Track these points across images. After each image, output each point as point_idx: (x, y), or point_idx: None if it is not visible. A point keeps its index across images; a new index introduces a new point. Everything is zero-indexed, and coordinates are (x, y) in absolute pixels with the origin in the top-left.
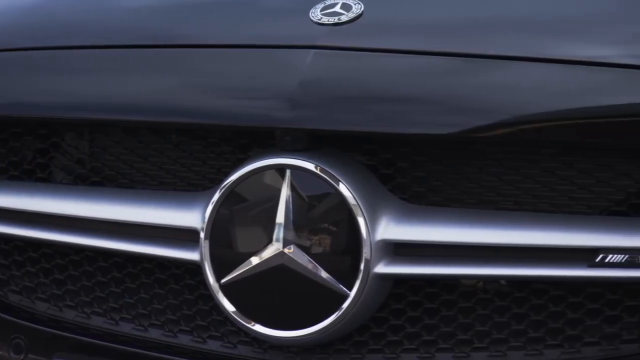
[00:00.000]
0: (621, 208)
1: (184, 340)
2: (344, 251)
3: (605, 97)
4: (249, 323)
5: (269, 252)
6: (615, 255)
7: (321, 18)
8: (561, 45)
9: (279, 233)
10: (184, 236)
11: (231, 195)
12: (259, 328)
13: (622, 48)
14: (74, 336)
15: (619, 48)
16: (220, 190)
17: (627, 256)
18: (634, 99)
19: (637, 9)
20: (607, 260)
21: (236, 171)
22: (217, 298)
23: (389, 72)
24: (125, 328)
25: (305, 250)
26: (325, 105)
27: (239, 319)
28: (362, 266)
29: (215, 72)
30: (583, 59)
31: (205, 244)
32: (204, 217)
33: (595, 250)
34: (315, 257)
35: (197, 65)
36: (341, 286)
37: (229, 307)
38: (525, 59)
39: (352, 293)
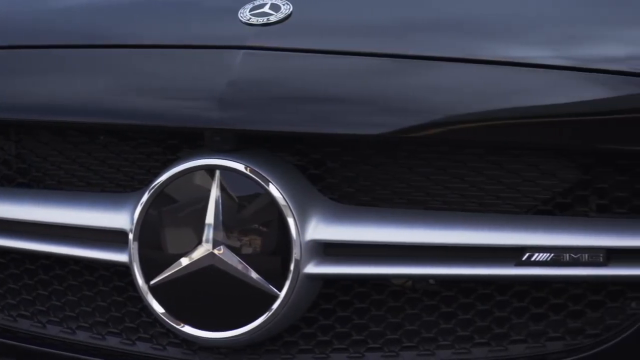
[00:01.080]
0: (547, 207)
1: (113, 342)
2: (274, 252)
3: (532, 97)
4: (178, 324)
5: (198, 253)
6: (541, 254)
7: (250, 18)
8: (489, 46)
9: (208, 234)
10: (113, 238)
11: (160, 196)
12: (188, 329)
13: (549, 49)
14: None
15: (545, 49)
16: (149, 191)
17: (552, 254)
18: (560, 99)
19: (562, 11)
20: (533, 259)
21: (165, 172)
22: (146, 300)
23: (318, 73)
24: (53, 331)
25: (235, 251)
26: (255, 106)
27: (168, 321)
28: (292, 266)
29: (144, 72)
30: (511, 60)
31: (134, 246)
32: (132, 219)
33: (522, 249)
34: (245, 257)
35: (125, 65)
36: (271, 287)
37: (158, 309)
38: (453, 60)
39: (282, 293)
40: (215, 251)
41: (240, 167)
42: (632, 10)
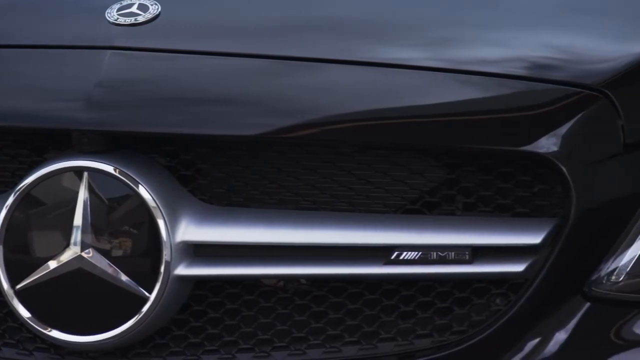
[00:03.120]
0: (415, 206)
1: None
2: (144, 254)
3: (400, 98)
4: (45, 329)
5: (66, 256)
6: (410, 253)
7: (117, 18)
8: (362, 48)
9: (76, 236)
10: None
11: (26, 199)
12: (55, 334)
13: (420, 51)
14: None
15: (416, 51)
16: (15, 193)
17: (420, 253)
18: (427, 100)
19: (435, 13)
20: (401, 258)
21: (31, 174)
22: (11, 304)
23: (186, 74)
24: None
25: (104, 253)
26: (123, 107)
27: (34, 325)
28: (162, 268)
29: (9, 73)
30: (382, 61)
31: None
32: None
33: (391, 248)
34: (114, 260)
35: None
36: (141, 289)
37: (24, 313)
38: (325, 61)
39: (152, 296)
40: (84, 254)
41: (108, 168)
42: (501, 13)
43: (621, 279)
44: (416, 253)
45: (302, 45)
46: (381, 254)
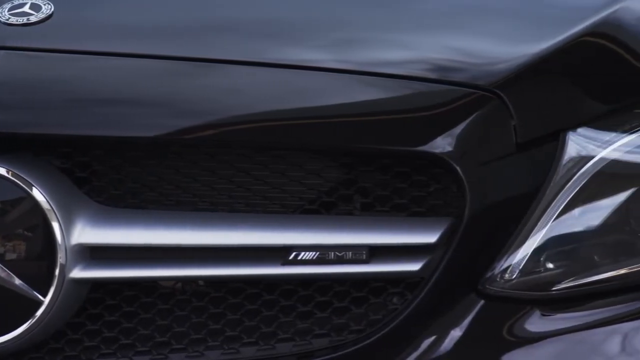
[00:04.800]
0: (313, 207)
1: None
2: (39, 257)
3: (298, 99)
4: None
5: None
6: (307, 253)
7: (9, 18)
8: (262, 49)
9: None
10: None
11: None
12: None
13: (324, 52)
14: None
15: (320, 52)
16: None
17: (318, 253)
18: (325, 101)
19: (344, 15)
20: (299, 258)
21: None
22: None
23: (80, 74)
24: None
25: None
26: (15, 108)
27: None
28: (57, 271)
29: None
30: (282, 62)
31: None
32: None
33: (289, 249)
34: (7, 264)
35: None
36: (35, 293)
37: None
38: (219, 62)
39: (47, 299)
40: None
41: (1, 171)
42: (404, 15)
43: (514, 276)
44: (314, 253)
45: (201, 46)
46: (279, 254)
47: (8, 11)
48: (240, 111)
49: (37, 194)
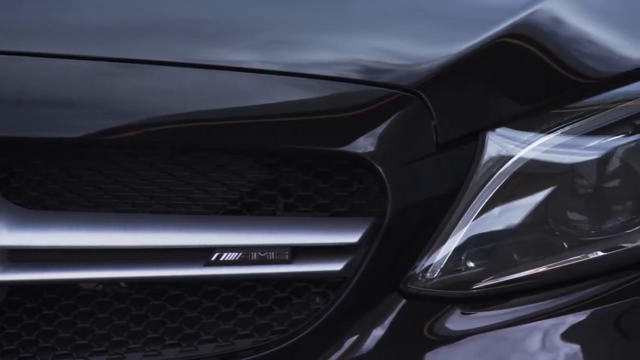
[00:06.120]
0: (236, 207)
1: None
2: None
3: (222, 100)
4: None
5: None
6: (230, 253)
7: None
8: (190, 50)
9: None
10: None
11: None
12: None
13: (252, 54)
14: None
15: (248, 54)
16: None
17: (240, 254)
18: (247, 102)
19: (271, 16)
20: (222, 259)
21: None
22: None
23: (4, 75)
24: None
25: None
26: None
27: None
28: None
29: None
30: (209, 63)
31: None
32: None
33: (211, 249)
34: None
35: None
36: None
37: None
38: (143, 62)
39: None
40: None
41: None
42: (335, 17)
43: (435, 275)
44: (236, 254)
45: (125, 46)
46: (201, 255)
47: None
48: (162, 112)
49: None
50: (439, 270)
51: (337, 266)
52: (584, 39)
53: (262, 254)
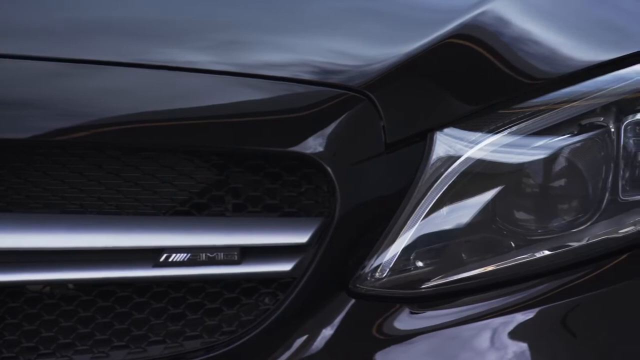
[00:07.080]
0: (184, 208)
1: None
2: None
3: (171, 100)
4: None
5: None
6: (179, 254)
7: None
8: (144, 50)
9: None
10: None
11: None
12: None
13: (207, 54)
14: None
15: (202, 54)
16: None
17: (189, 255)
18: (197, 102)
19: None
20: (171, 260)
21: None
22: None
23: None
24: None
25: None
26: None
27: None
28: None
29: None
30: (162, 64)
31: None
32: None
33: (160, 250)
34: None
35: None
36: None
37: None
38: (93, 63)
39: None
40: None
41: None
42: (288, 18)
43: (384, 275)
44: (185, 254)
45: (75, 47)
46: (150, 256)
47: None
48: (110, 112)
49: None
50: (387, 269)
51: (286, 266)
52: (531, 39)
53: (211, 254)
